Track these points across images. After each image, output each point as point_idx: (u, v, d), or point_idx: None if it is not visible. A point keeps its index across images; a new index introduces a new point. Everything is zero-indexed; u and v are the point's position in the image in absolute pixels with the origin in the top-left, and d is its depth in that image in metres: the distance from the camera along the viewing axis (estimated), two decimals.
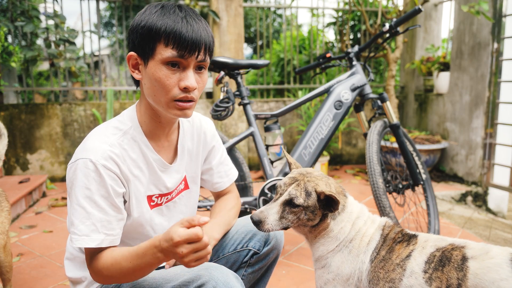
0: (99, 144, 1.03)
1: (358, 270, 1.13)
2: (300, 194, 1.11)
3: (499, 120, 3.59)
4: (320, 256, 1.19)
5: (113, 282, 1.01)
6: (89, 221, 0.98)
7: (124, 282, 1.03)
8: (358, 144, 5.05)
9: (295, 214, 1.12)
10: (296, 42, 5.44)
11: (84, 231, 0.97)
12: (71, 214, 1.00)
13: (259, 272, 1.30)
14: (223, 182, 1.38)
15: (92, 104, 4.09)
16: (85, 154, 1.00)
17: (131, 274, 0.97)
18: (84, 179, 0.98)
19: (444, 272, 1.00)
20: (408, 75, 5.09)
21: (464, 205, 3.57)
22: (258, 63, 2.27)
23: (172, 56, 0.98)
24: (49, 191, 3.73)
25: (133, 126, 1.10)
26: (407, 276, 1.04)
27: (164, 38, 0.98)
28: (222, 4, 4.22)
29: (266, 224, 1.10)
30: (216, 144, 1.35)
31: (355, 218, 1.18)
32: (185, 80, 1.00)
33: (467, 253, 1.01)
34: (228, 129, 4.42)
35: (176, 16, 0.99)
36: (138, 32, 1.00)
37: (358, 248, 1.15)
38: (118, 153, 1.04)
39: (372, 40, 2.36)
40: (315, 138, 2.26)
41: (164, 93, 1.01)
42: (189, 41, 0.98)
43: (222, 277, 0.97)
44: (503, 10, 3.58)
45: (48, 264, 2.21)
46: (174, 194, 1.21)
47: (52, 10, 3.90)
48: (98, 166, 0.99)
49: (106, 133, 1.06)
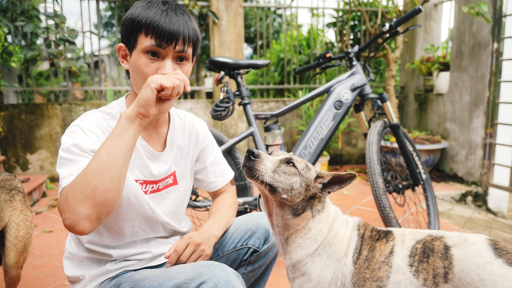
0: (87, 116, 1.10)
1: (341, 275, 1.08)
2: (300, 162, 1.09)
3: (499, 120, 3.59)
4: (298, 261, 1.11)
5: (81, 191, 0.89)
6: (74, 164, 0.98)
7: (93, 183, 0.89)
8: (358, 144, 5.05)
9: (288, 175, 1.05)
10: (296, 42, 5.44)
11: (70, 172, 0.97)
12: (59, 169, 1.00)
13: (259, 270, 1.30)
14: (219, 181, 1.39)
15: (92, 104, 4.09)
16: (72, 124, 1.07)
17: (97, 157, 0.91)
18: (68, 138, 1.02)
19: (429, 263, 1.02)
20: (408, 75, 5.09)
21: (464, 205, 3.57)
22: (258, 63, 2.27)
23: (151, 45, 1.05)
24: (49, 191, 3.73)
25: (121, 111, 1.11)
26: (394, 272, 1.04)
27: (145, 29, 1.05)
28: (222, 4, 4.22)
29: (262, 164, 1.03)
30: (209, 144, 1.36)
31: (332, 219, 1.14)
32: (162, 68, 1.06)
33: (448, 242, 1.03)
34: (228, 129, 4.42)
35: (157, 9, 1.07)
36: (125, 24, 1.09)
37: (338, 251, 1.10)
38: (105, 126, 1.10)
39: (372, 40, 2.36)
40: (315, 138, 2.26)
41: (143, 81, 1.07)
42: (166, 31, 1.04)
43: (223, 275, 0.97)
44: (503, 10, 3.58)
45: (48, 264, 2.21)
46: (161, 186, 1.21)
47: (52, 10, 3.90)
48: (84, 128, 1.05)
49: (94, 113, 1.13)
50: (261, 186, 1.05)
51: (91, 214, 0.89)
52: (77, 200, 0.89)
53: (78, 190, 0.89)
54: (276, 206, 1.11)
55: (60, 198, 0.94)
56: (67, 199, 0.90)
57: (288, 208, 1.10)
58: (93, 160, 0.91)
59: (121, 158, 0.93)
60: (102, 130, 1.07)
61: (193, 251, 1.11)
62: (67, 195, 0.91)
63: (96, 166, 0.90)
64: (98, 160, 0.91)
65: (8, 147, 3.85)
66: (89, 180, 0.89)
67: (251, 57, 13.66)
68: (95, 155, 0.93)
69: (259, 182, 1.03)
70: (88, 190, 0.89)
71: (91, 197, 0.89)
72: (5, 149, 3.85)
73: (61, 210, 0.92)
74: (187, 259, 1.10)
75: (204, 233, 1.18)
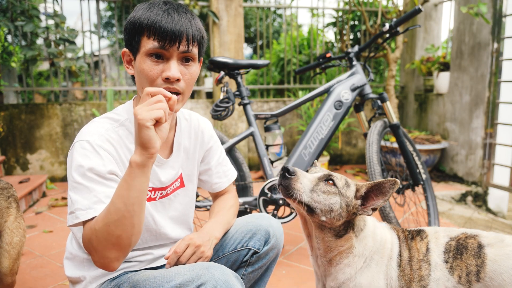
0: (96, 129, 1.05)
1: (389, 279, 1.04)
2: (340, 179, 1.00)
3: (499, 120, 3.59)
4: (347, 279, 1.04)
5: (106, 240, 0.91)
6: (90, 194, 0.97)
7: (116, 232, 0.91)
8: (358, 144, 5.04)
9: (327, 195, 0.97)
10: (296, 42, 5.44)
11: (87, 204, 0.96)
12: (72, 193, 0.98)
13: (259, 271, 1.30)
14: (222, 182, 1.38)
15: (92, 104, 4.09)
16: (81, 137, 1.03)
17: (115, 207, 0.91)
18: (81, 159, 0.99)
19: (463, 259, 1.00)
20: (408, 75, 5.09)
21: (464, 205, 3.57)
22: (258, 63, 2.27)
23: (154, 47, 1.02)
24: (49, 191, 3.73)
25: (129, 118, 1.11)
26: (433, 269, 1.02)
27: (147, 31, 1.02)
28: (222, 4, 4.22)
29: (299, 182, 0.95)
30: (214, 145, 1.35)
31: (373, 230, 1.08)
32: (167, 70, 1.03)
33: (482, 241, 1.01)
34: (228, 129, 4.42)
35: (158, 10, 1.03)
36: (128, 29, 1.06)
37: (384, 256, 1.05)
38: (115, 138, 1.06)
39: (372, 40, 2.36)
40: (315, 138, 2.26)
41: (148, 85, 1.04)
42: (168, 31, 1.01)
43: (222, 277, 0.97)
44: (503, 10, 3.58)
45: (48, 264, 2.21)
46: (169, 190, 1.21)
47: (52, 10, 3.90)
48: (95, 146, 1.01)
49: (102, 121, 1.09)
50: (299, 207, 0.98)
51: (120, 256, 0.95)
52: (104, 247, 0.92)
53: (103, 239, 0.91)
54: (315, 228, 1.05)
55: (83, 237, 0.96)
56: (91, 243, 0.93)
57: (328, 230, 1.03)
58: (112, 211, 0.91)
59: (139, 204, 0.93)
60: (112, 144, 1.05)
61: (193, 252, 1.11)
62: (90, 239, 0.93)
63: (117, 217, 0.91)
64: (117, 212, 0.91)
65: (8, 147, 3.85)
66: (112, 230, 0.91)
67: (251, 57, 13.66)
68: (113, 205, 0.91)
69: (297, 202, 0.96)
70: (113, 239, 0.92)
71: (117, 244, 0.92)
72: (5, 149, 3.85)
73: (87, 250, 0.96)
74: (187, 261, 1.10)
75: (205, 234, 1.17)
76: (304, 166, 2.21)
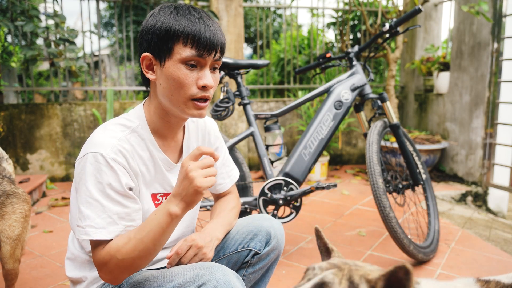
0: (108, 138, 1.03)
1: None
2: (340, 282, 0.68)
3: (499, 120, 3.59)
4: None
5: (126, 268, 0.97)
6: (105, 214, 0.97)
7: (139, 264, 0.98)
8: (358, 144, 5.05)
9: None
10: (296, 42, 5.44)
11: (101, 224, 0.97)
12: (85, 208, 0.98)
13: (260, 272, 1.30)
14: (225, 183, 1.38)
15: (92, 104, 4.09)
16: (94, 148, 1.00)
17: (144, 246, 0.96)
18: (96, 173, 0.98)
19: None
20: (408, 75, 5.09)
21: (464, 205, 3.57)
22: (258, 63, 2.27)
23: (192, 55, 1.01)
24: (49, 191, 3.73)
25: (141, 124, 1.11)
26: None
27: (183, 38, 1.00)
28: (222, 4, 4.22)
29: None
30: (219, 146, 1.35)
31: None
32: (204, 78, 1.03)
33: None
34: (228, 129, 4.42)
35: (192, 17, 1.02)
36: (155, 33, 1.02)
37: None
38: (128, 148, 1.05)
39: (372, 40, 2.36)
40: (315, 138, 2.26)
41: (182, 92, 1.03)
42: (207, 40, 1.01)
43: (223, 277, 0.97)
44: (503, 10, 3.58)
45: (48, 264, 2.21)
46: None
47: (52, 9, 3.90)
48: (108, 159, 0.99)
49: (114, 129, 1.07)
50: None
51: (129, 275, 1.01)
52: (120, 272, 0.98)
53: (123, 267, 0.97)
54: None
55: (96, 256, 0.98)
56: (107, 266, 0.97)
57: None
58: (141, 249, 0.96)
59: (166, 240, 1.01)
60: (125, 156, 1.03)
61: (194, 254, 1.10)
62: (106, 263, 0.97)
63: (144, 254, 0.97)
64: (146, 250, 0.96)
65: (8, 147, 3.85)
66: (136, 263, 0.97)
67: (251, 57, 13.66)
68: (142, 243, 0.96)
69: None
70: (133, 269, 0.99)
71: (134, 270, 1.00)
72: (5, 149, 3.85)
73: (98, 268, 0.99)
74: (188, 262, 1.10)
75: (207, 235, 1.17)
76: (304, 166, 2.21)
